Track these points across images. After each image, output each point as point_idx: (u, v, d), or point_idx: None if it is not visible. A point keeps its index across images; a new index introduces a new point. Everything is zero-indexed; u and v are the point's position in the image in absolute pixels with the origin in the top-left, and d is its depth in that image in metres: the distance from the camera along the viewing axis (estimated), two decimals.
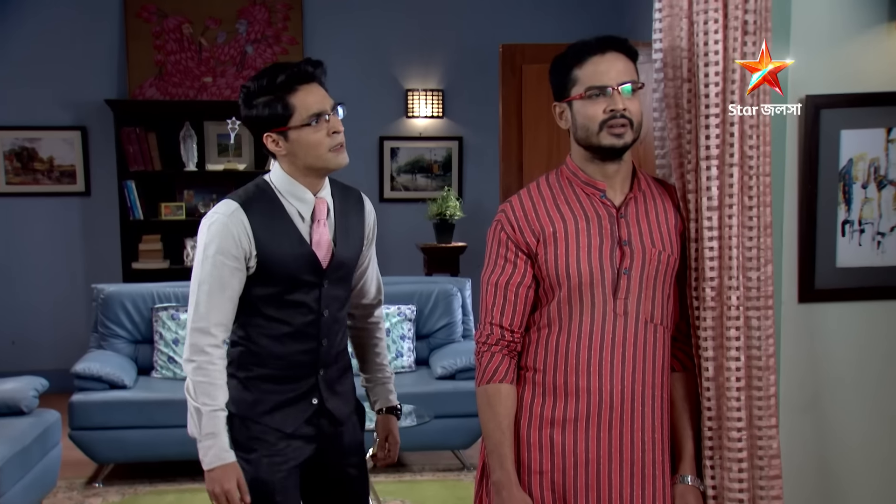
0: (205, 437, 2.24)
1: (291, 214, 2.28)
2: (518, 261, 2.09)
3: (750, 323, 2.11)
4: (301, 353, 2.32)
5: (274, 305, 2.28)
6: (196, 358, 2.22)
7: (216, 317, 2.22)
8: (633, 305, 2.04)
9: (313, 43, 6.58)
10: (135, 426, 4.69)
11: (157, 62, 6.43)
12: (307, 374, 2.35)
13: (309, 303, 2.31)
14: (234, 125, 6.15)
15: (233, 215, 2.22)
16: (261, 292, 2.27)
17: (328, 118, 2.22)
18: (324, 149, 2.23)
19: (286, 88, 2.19)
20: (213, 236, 2.22)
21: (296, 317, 2.30)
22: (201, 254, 2.23)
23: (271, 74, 2.20)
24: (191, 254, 6.31)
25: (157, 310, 5.19)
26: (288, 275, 2.26)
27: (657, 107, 2.26)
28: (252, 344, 2.31)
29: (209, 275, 2.21)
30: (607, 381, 2.04)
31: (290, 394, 2.33)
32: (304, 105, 2.20)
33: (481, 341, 2.13)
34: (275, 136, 2.23)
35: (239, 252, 2.21)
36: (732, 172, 2.07)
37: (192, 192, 6.41)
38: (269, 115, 2.21)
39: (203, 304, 2.22)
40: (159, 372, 5.15)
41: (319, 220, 2.30)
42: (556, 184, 2.12)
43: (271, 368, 2.31)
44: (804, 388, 2.40)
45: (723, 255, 2.09)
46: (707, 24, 2.07)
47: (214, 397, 2.23)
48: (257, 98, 2.21)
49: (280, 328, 2.29)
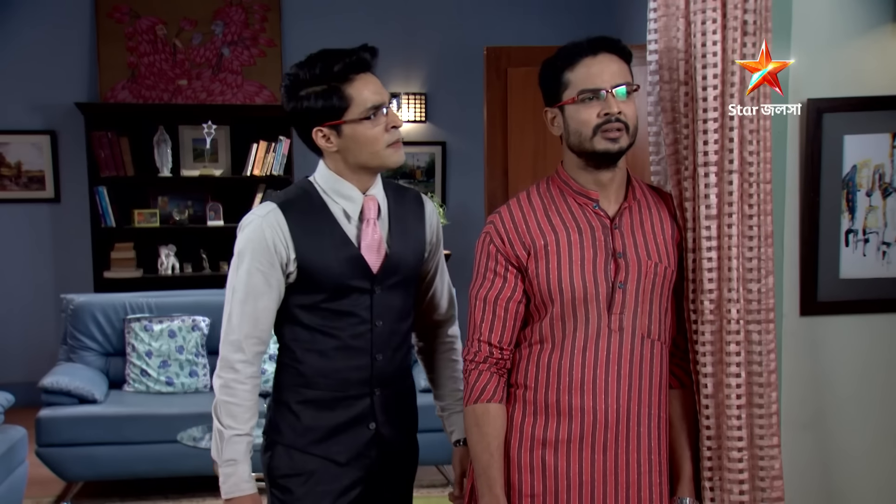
0: (225, 462, 2.09)
1: (336, 214, 2.14)
2: (508, 275, 2.06)
3: (750, 337, 2.09)
4: (352, 370, 2.16)
5: (318, 316, 2.13)
6: (224, 375, 2.08)
7: (248, 328, 2.08)
8: (628, 321, 2.01)
9: (292, 45, 6.57)
10: (105, 442, 4.63)
11: (129, 64, 6.42)
12: (361, 395, 2.18)
13: (359, 312, 2.15)
14: (211, 129, 6.16)
15: (268, 217, 2.08)
16: (303, 301, 2.13)
17: (386, 111, 2.09)
18: (381, 145, 2.09)
19: (342, 78, 2.05)
20: (247, 240, 2.08)
21: (344, 328, 2.14)
22: (235, 259, 2.09)
23: (325, 61, 2.05)
24: (165, 262, 6.30)
25: (130, 321, 5.16)
26: (333, 281, 2.11)
27: (652, 111, 2.24)
28: (297, 363, 2.15)
29: (242, 283, 2.07)
30: (602, 399, 2.01)
31: (343, 418, 2.17)
32: (362, 97, 2.06)
33: (469, 359, 2.09)
34: (326, 131, 2.09)
35: (274, 258, 2.07)
36: (732, 179, 2.05)
37: (167, 198, 6.40)
38: (323, 108, 2.06)
39: (235, 315, 2.08)
40: (132, 385, 5.11)
41: (369, 220, 2.15)
42: (548, 193, 2.09)
43: (321, 389, 2.15)
44: (806, 406, 2.39)
45: (722, 266, 2.06)
46: (705, 24, 2.04)
47: (240, 420, 2.08)
48: (307, 88, 2.06)
49: (327, 342, 2.14)
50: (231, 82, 6.54)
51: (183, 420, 4.60)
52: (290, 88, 2.09)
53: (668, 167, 2.16)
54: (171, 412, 4.73)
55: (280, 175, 6.33)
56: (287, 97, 2.10)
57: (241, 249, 2.09)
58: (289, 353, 2.17)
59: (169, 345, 5.12)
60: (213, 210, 6.34)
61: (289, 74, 2.09)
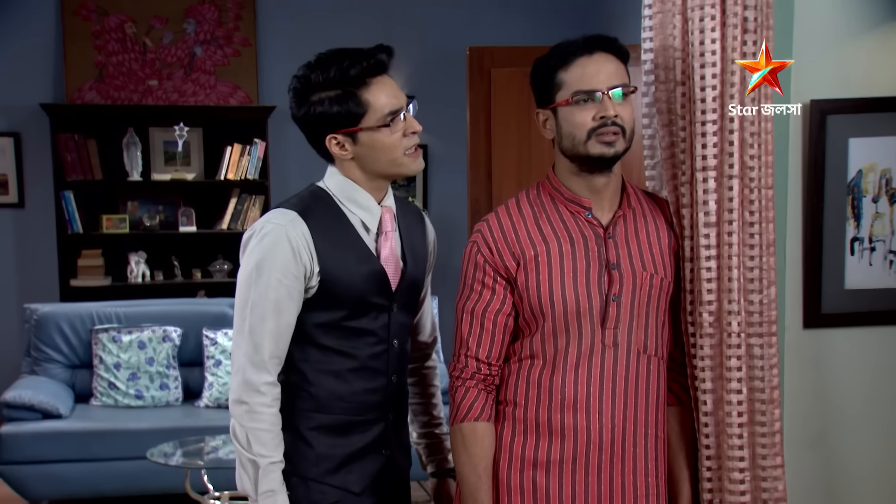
0: (262, 495, 1.99)
1: (355, 225, 2.07)
2: (497, 286, 2.04)
3: (752, 351, 2.06)
4: (368, 393, 2.09)
5: (334, 335, 2.05)
6: (250, 399, 1.97)
7: (272, 347, 1.99)
8: (623, 335, 1.99)
9: (267, 44, 6.54)
10: (71, 459, 4.61)
11: (97, 64, 6.36)
12: (377, 419, 2.12)
13: (376, 330, 2.09)
14: (183, 131, 6.13)
15: (291, 225, 1.99)
16: (320, 319, 2.04)
17: (404, 117, 2.03)
18: (399, 152, 2.03)
19: (358, 82, 1.98)
20: (268, 250, 1.97)
21: (362, 348, 2.07)
22: (252, 272, 1.98)
23: (340, 63, 1.98)
24: (134, 270, 6.25)
25: (97, 331, 5.16)
26: (355, 297, 2.04)
27: (647, 112, 2.22)
28: (310, 385, 2.06)
29: (264, 297, 1.97)
30: (596, 418, 1.98)
31: (359, 444, 2.10)
32: (380, 102, 2.00)
33: (455, 375, 2.06)
34: (341, 139, 2.02)
35: (299, 270, 1.99)
36: (732, 185, 2.03)
37: (137, 203, 6.35)
38: (338, 114, 1.99)
39: (258, 333, 1.97)
40: (99, 399, 5.10)
41: (386, 232, 2.10)
42: (538, 200, 2.07)
43: (337, 414, 2.08)
44: (810, 423, 2.37)
45: (721, 276, 2.04)
46: (703, 20, 2.01)
47: (271, 447, 1.99)
48: (321, 92, 1.99)
49: (343, 362, 2.06)
50: (204, 83, 6.50)
51: (153, 435, 4.59)
52: (300, 92, 2.02)
53: (664, 172, 2.14)
54: (141, 427, 4.73)
55: (255, 179, 6.31)
56: (297, 101, 2.03)
57: (260, 260, 1.98)
58: (298, 375, 2.07)
59: (138, 356, 5.10)
60: (185, 215, 6.29)
61: (298, 77, 2.02)
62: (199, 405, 5.11)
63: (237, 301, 2.02)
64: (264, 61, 6.50)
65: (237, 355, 2.01)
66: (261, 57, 6.51)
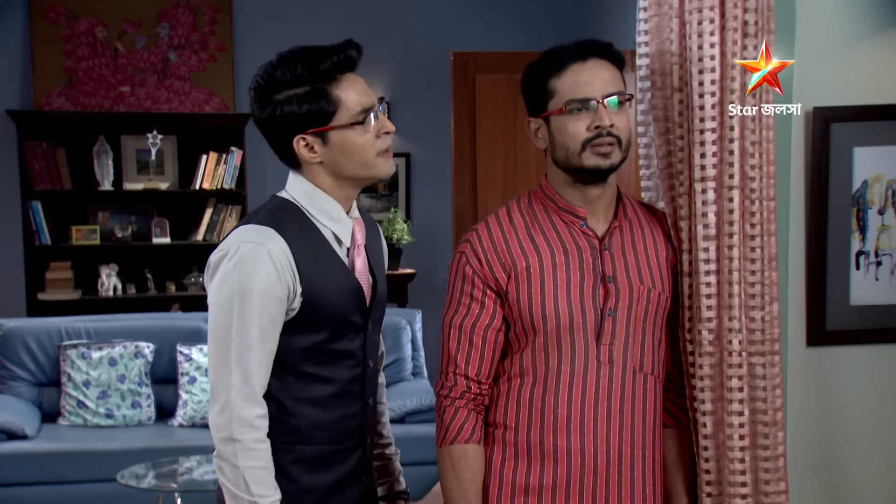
0: None
1: (328, 238, 2.01)
2: (486, 300, 2.01)
3: (754, 371, 2.04)
4: (347, 419, 2.04)
5: (315, 360, 1.98)
6: (243, 436, 1.88)
7: (261, 379, 1.91)
8: (618, 352, 1.97)
9: (244, 49, 6.53)
10: (38, 482, 4.57)
11: (66, 69, 6.36)
12: (356, 446, 2.07)
13: (354, 352, 2.02)
14: (156, 139, 6.11)
15: (272, 243, 1.90)
16: (302, 343, 1.96)
17: (375, 116, 1.97)
18: (372, 153, 1.96)
19: (328, 78, 1.93)
20: (250, 272, 1.88)
21: (341, 371, 2.01)
22: (232, 297, 1.89)
23: (307, 59, 1.92)
24: (105, 283, 6.22)
25: (66, 347, 5.12)
26: (337, 316, 1.98)
27: (642, 120, 2.21)
28: (290, 416, 1.98)
29: (248, 324, 1.88)
30: (590, 440, 1.96)
31: (340, 474, 2.04)
32: (351, 99, 1.94)
33: (443, 394, 2.03)
34: (310, 140, 1.95)
35: (283, 291, 1.90)
36: (732, 196, 2.01)
37: (108, 213, 6.35)
38: (307, 113, 1.92)
39: (246, 364, 1.89)
40: (67, 419, 5.06)
41: (359, 246, 2.05)
42: (530, 210, 2.05)
43: (319, 444, 2.01)
44: (814, 446, 2.36)
45: (722, 291, 2.03)
46: (702, 24, 2.00)
47: (270, 486, 1.91)
48: (288, 90, 1.92)
49: (322, 389, 1.99)
50: (178, 89, 6.50)
51: (124, 456, 4.55)
52: (263, 91, 1.95)
53: (661, 182, 2.12)
54: (112, 448, 4.70)
55: (232, 189, 6.31)
56: (260, 101, 1.96)
57: (241, 284, 1.88)
58: (276, 406, 1.98)
59: (109, 374, 5.06)
60: (158, 226, 6.28)
61: (261, 75, 1.96)
62: (173, 424, 5.06)
63: (214, 329, 1.93)
64: (241, 67, 6.48)
65: (221, 390, 1.91)
66: (237, 62, 6.51)
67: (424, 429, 4.82)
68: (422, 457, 4.64)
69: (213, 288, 1.93)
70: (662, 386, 2.06)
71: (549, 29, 6.40)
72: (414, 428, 4.86)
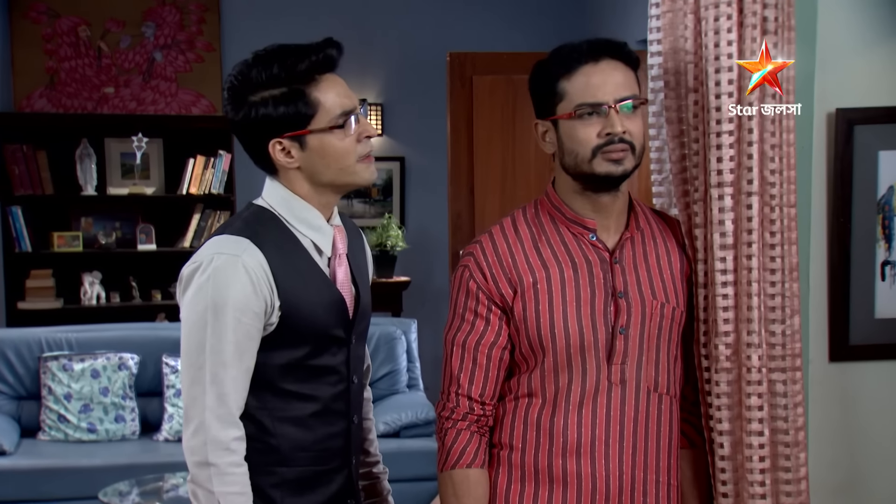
0: None
1: (308, 248, 1.97)
2: (491, 316, 1.98)
3: (774, 388, 2.02)
4: (331, 438, 1.99)
5: (295, 377, 1.94)
6: (219, 460, 1.84)
7: (238, 399, 1.87)
8: (632, 371, 1.94)
9: (232, 50, 6.49)
10: (16, 500, 4.53)
11: (48, 69, 6.34)
12: (341, 466, 2.02)
13: (337, 367, 1.98)
14: (141, 142, 6.08)
15: (247, 254, 1.86)
16: (281, 359, 1.92)
17: (356, 119, 1.93)
18: (352, 158, 1.92)
19: (306, 79, 1.88)
20: (224, 286, 1.84)
21: (323, 389, 1.97)
22: (206, 312, 1.85)
23: (283, 59, 1.88)
24: (88, 291, 6.18)
25: (46, 359, 5.08)
26: (318, 330, 1.94)
27: (654, 122, 2.17)
28: (270, 436, 1.94)
29: (223, 341, 1.85)
30: (602, 464, 1.93)
31: (324, 497, 2.00)
32: (331, 101, 1.90)
33: (444, 416, 2.00)
34: (286, 144, 1.91)
35: (260, 306, 1.86)
36: (751, 202, 1.99)
37: (91, 219, 6.32)
38: (284, 115, 1.88)
39: (222, 383, 1.85)
40: (47, 434, 5.02)
41: (340, 255, 2.01)
42: (536, 220, 2.02)
43: (301, 465, 1.97)
44: (837, 468, 2.33)
45: (740, 304, 2.00)
46: (718, 20, 1.97)
47: None
48: (264, 91, 1.88)
49: (304, 407, 1.95)
50: (164, 90, 6.49)
51: (107, 473, 4.52)
52: (237, 92, 1.91)
53: (675, 188, 2.09)
54: (94, 464, 4.67)
55: (220, 194, 6.28)
56: (234, 103, 1.92)
57: (215, 298, 1.85)
58: (255, 426, 1.93)
59: (91, 386, 5.02)
60: (144, 232, 6.25)
61: (235, 75, 1.91)
62: (158, 439, 5.03)
63: (187, 347, 1.89)
64: (230, 68, 6.34)
65: (195, 411, 1.86)
66: (226, 63, 6.49)
67: (421, 443, 4.81)
68: (418, 472, 4.64)
69: (185, 303, 1.89)
70: (678, 406, 2.02)
71: (549, 28, 6.42)
72: (410, 442, 4.87)
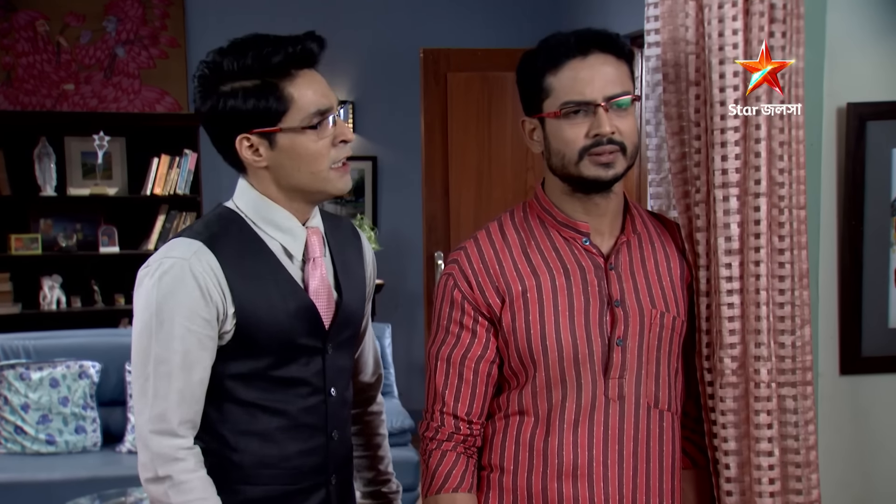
0: None
1: (276, 252, 1.88)
2: (478, 328, 1.91)
3: (784, 404, 1.95)
4: (304, 455, 1.90)
5: (258, 388, 1.85)
6: (168, 471, 1.76)
7: (184, 412, 1.78)
8: (630, 386, 1.87)
9: (198, 45, 6.44)
10: None
11: (4, 65, 6.26)
12: (316, 486, 1.93)
13: (309, 379, 1.89)
14: (103, 141, 6.02)
15: (196, 258, 1.78)
16: (240, 369, 1.84)
17: (333, 121, 1.84)
18: (325, 164, 1.83)
19: (281, 73, 1.79)
20: (170, 291, 1.77)
21: (292, 401, 1.88)
22: (150, 320, 1.78)
23: (259, 49, 1.79)
24: (48, 296, 6.08)
25: (2, 368, 4.94)
26: (281, 340, 1.86)
27: (651, 118, 2.12)
28: (232, 451, 1.86)
29: (168, 350, 1.77)
30: (601, 488, 1.85)
31: None
32: (306, 99, 1.81)
33: (428, 436, 1.92)
34: (254, 140, 1.81)
35: (210, 312, 1.79)
36: (759, 204, 1.92)
37: (51, 221, 6.25)
38: (253, 110, 1.79)
39: (163, 397, 1.77)
40: (3, 446, 4.89)
41: (315, 259, 1.91)
42: (525, 224, 1.95)
43: (267, 484, 1.88)
44: (849, 488, 2.27)
45: (747, 313, 1.93)
46: (723, 8, 1.90)
47: None
48: (233, 82, 1.79)
49: (270, 421, 1.86)
50: (127, 87, 6.44)
51: (67, 487, 4.40)
52: (208, 80, 1.82)
53: (674, 189, 2.02)
54: (53, 478, 4.54)
55: (186, 194, 6.21)
56: (203, 92, 1.83)
57: (160, 304, 1.77)
58: (217, 440, 1.85)
59: (50, 396, 4.90)
60: (106, 234, 6.17)
61: (207, 62, 1.82)
62: (121, 450, 4.89)
63: (135, 355, 1.80)
64: (195, 64, 6.17)
65: (139, 423, 1.78)
66: (191, 59, 6.44)
67: (396, 453, 4.63)
68: None
69: (134, 307, 1.81)
70: (680, 423, 1.95)
71: (525, 23, 6.42)
72: None
